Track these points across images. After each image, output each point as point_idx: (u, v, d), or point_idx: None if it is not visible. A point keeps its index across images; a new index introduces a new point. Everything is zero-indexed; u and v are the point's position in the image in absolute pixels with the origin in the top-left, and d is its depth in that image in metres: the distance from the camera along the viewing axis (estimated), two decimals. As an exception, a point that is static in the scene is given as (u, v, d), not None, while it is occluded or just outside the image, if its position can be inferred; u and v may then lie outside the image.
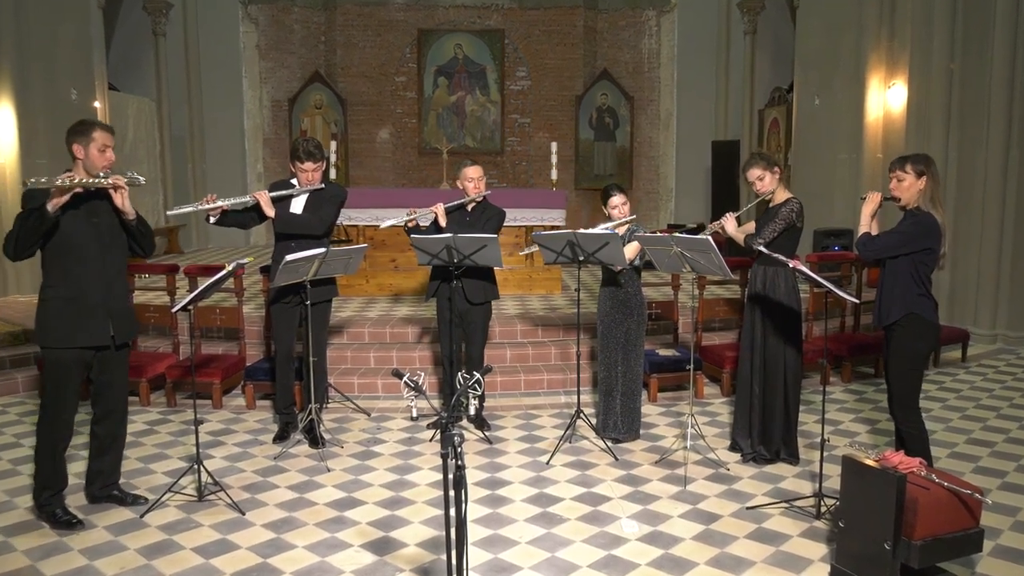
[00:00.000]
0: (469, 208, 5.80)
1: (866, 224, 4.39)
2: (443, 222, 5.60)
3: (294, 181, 5.50)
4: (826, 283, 4.24)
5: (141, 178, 4.29)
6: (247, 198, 5.36)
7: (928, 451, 4.32)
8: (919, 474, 3.63)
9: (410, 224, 5.63)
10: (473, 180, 5.71)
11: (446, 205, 5.69)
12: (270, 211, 5.30)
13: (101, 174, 4.18)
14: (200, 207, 5.12)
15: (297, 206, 5.48)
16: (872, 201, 4.41)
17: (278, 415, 5.79)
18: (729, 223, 5.13)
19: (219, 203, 5.12)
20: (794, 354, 5.02)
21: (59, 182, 3.97)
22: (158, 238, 12.79)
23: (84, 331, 4.22)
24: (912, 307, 4.22)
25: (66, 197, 4.00)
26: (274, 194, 5.37)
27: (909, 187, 4.26)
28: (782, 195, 5.03)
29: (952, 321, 8.44)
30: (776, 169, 5.02)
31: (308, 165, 5.38)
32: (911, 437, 4.31)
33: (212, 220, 5.27)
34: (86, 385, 4.45)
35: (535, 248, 5.49)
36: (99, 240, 4.26)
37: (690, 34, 14.84)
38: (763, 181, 5.00)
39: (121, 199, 4.24)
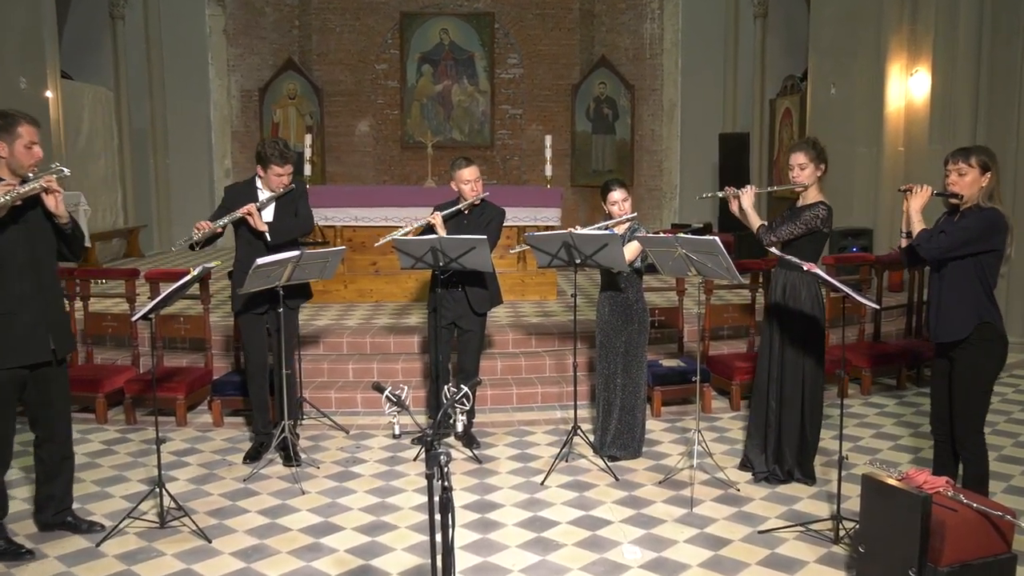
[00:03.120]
0: (466, 211, 5.79)
1: (918, 220, 4.21)
2: (443, 232, 5.57)
3: (258, 183, 5.49)
4: (843, 287, 4.25)
5: (65, 169, 4.10)
6: (237, 214, 5.33)
7: (986, 482, 4.25)
8: (946, 494, 3.63)
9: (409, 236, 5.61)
10: (470, 183, 5.67)
11: (443, 213, 5.67)
12: (262, 225, 5.31)
13: (30, 175, 4.07)
14: (198, 236, 5.12)
15: (267, 212, 5.49)
16: (922, 196, 4.21)
17: (255, 435, 5.78)
18: (747, 197, 5.01)
19: (214, 226, 5.13)
20: (814, 367, 5.02)
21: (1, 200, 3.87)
22: (116, 239, 12.76)
23: (22, 348, 4.12)
24: (983, 316, 4.09)
25: (2, 213, 3.92)
26: (257, 203, 5.38)
27: (972, 183, 4.10)
28: (813, 195, 4.98)
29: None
30: (822, 167, 4.97)
31: (287, 168, 5.38)
32: (969, 463, 4.23)
33: (197, 248, 5.28)
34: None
35: (525, 247, 5.49)
36: (30, 246, 4.14)
37: (695, 18, 14.87)
38: (804, 171, 4.94)
39: (55, 202, 4.11)
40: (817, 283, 4.92)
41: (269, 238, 5.35)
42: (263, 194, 5.44)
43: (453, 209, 5.73)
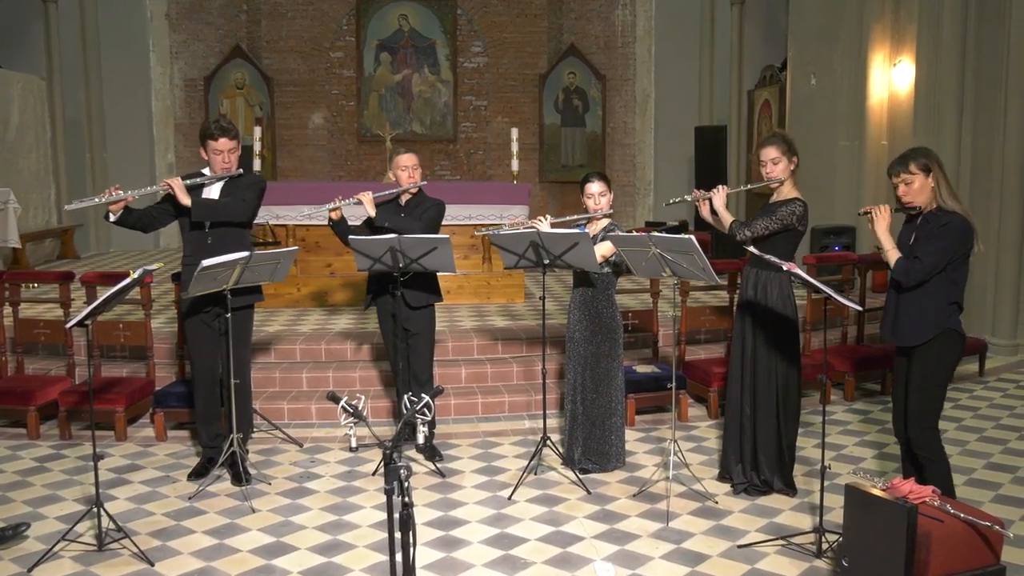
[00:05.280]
0: (403, 201, 5.84)
1: (889, 243, 4.32)
2: (371, 211, 5.63)
3: (205, 171, 5.46)
4: (825, 288, 4.29)
5: None
6: (156, 187, 5.30)
7: (949, 479, 4.37)
8: (932, 504, 3.69)
9: (334, 216, 5.66)
10: (407, 169, 5.77)
11: (377, 195, 5.73)
12: (185, 198, 5.23)
13: None
14: (103, 199, 5.07)
15: (211, 196, 5.44)
16: (884, 217, 4.33)
17: (203, 449, 5.73)
18: (718, 198, 5.10)
19: (125, 194, 5.07)
20: (788, 369, 5.08)
21: None
22: (49, 240, 12.58)
23: None
24: (946, 323, 4.24)
25: None
26: (187, 182, 5.33)
27: (921, 188, 4.24)
28: (788, 191, 5.06)
29: (967, 330, 8.55)
30: (795, 159, 5.05)
31: (223, 143, 5.33)
32: (929, 463, 4.34)
33: (112, 218, 5.21)
34: None
35: (488, 232, 5.52)
36: None
37: (670, 4, 14.98)
38: (777, 166, 5.02)
39: None
40: (789, 281, 4.98)
41: (192, 215, 5.30)
42: (207, 176, 5.44)
43: (387, 193, 5.84)
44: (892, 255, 4.31)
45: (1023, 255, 8.52)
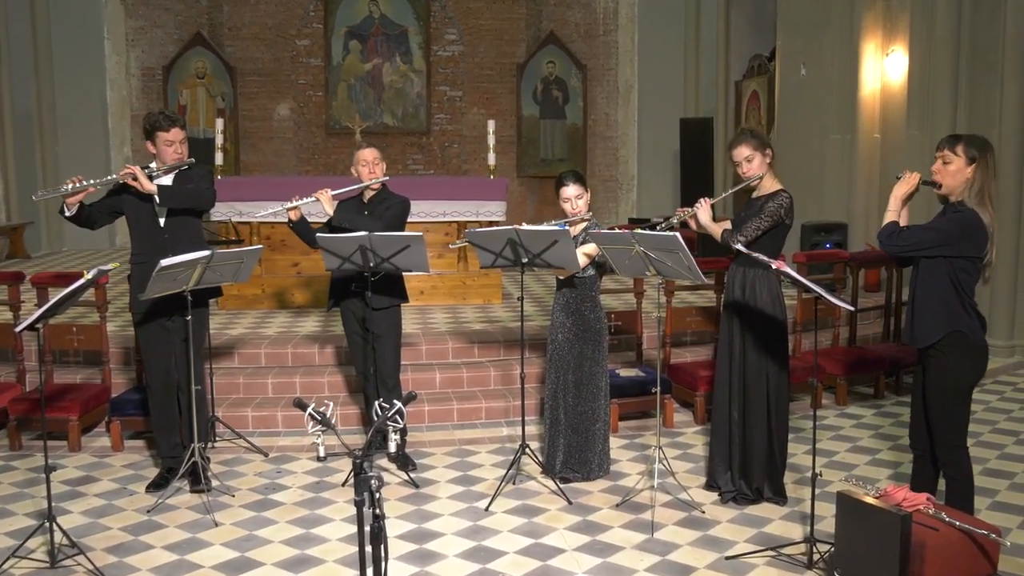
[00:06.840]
0: (366, 198, 5.86)
1: (895, 209, 4.31)
2: (329, 209, 5.64)
3: (153, 164, 5.42)
4: (816, 287, 4.32)
5: None
6: (117, 176, 5.28)
7: (971, 500, 4.33)
8: (926, 512, 3.72)
9: (292, 216, 5.66)
10: (368, 164, 5.79)
11: (334, 191, 5.74)
12: (150, 184, 5.22)
13: None
14: (69, 188, 5.08)
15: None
16: (908, 183, 4.32)
17: (162, 459, 5.71)
18: (703, 211, 5.13)
19: (87, 183, 5.06)
20: (779, 372, 5.11)
21: None
22: (-2, 239, 12.45)
23: None
24: (956, 324, 4.17)
25: None
26: (146, 170, 5.31)
27: (955, 173, 4.20)
28: (771, 185, 5.10)
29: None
30: (768, 151, 5.09)
31: (175, 133, 5.33)
32: (952, 481, 4.31)
33: (68, 212, 5.19)
34: None
35: (466, 242, 5.52)
36: None
37: (654, -10, 15.05)
38: (751, 164, 5.06)
39: None
40: (778, 280, 5.01)
41: (158, 200, 5.27)
42: (154, 168, 5.41)
43: (348, 188, 5.85)
44: (888, 216, 4.31)
45: (1019, 255, 8.58)
